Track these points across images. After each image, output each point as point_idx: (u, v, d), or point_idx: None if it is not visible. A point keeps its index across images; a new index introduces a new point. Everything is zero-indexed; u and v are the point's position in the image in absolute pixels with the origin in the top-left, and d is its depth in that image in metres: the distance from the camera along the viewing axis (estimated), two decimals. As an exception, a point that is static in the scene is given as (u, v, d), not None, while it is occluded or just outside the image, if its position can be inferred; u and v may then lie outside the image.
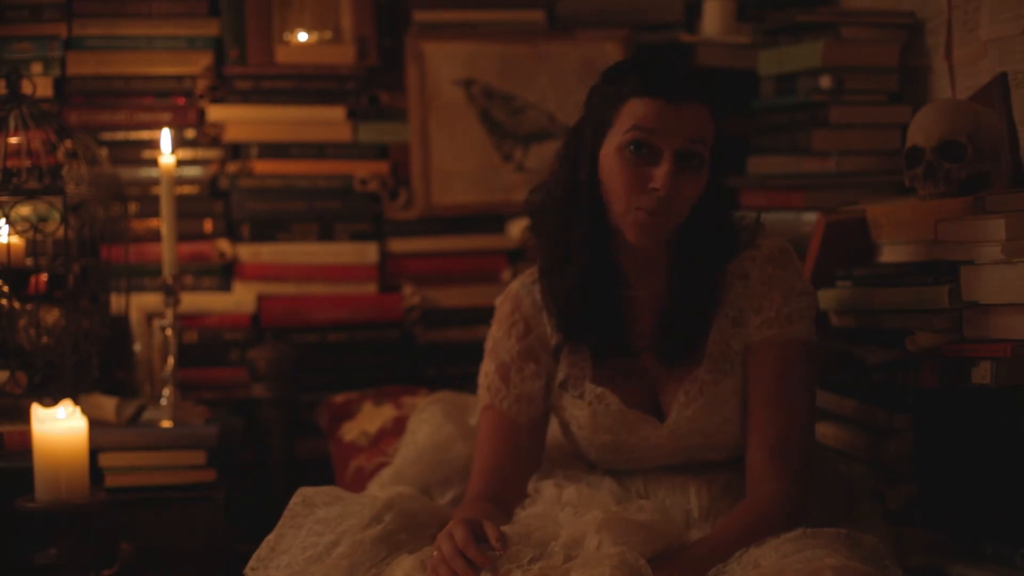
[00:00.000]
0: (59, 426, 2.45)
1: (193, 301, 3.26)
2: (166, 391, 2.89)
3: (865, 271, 2.31)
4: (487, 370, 2.12)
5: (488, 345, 2.14)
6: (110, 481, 2.71)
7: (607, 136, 1.97)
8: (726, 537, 1.86)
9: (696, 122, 1.93)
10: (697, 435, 2.02)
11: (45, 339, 2.76)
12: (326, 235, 3.36)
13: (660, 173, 1.92)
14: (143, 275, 3.21)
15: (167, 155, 2.88)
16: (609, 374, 2.06)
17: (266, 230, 3.34)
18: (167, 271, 2.85)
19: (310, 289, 3.35)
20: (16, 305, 2.74)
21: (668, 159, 1.92)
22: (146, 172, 3.26)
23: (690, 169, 1.93)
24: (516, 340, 2.09)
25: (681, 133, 1.92)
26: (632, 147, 1.93)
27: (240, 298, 3.32)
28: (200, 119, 3.31)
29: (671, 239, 2.03)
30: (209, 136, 3.30)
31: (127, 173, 3.22)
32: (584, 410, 2.04)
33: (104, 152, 3.11)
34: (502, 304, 2.14)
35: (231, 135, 3.34)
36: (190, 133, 3.30)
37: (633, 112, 1.93)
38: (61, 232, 2.71)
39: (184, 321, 3.20)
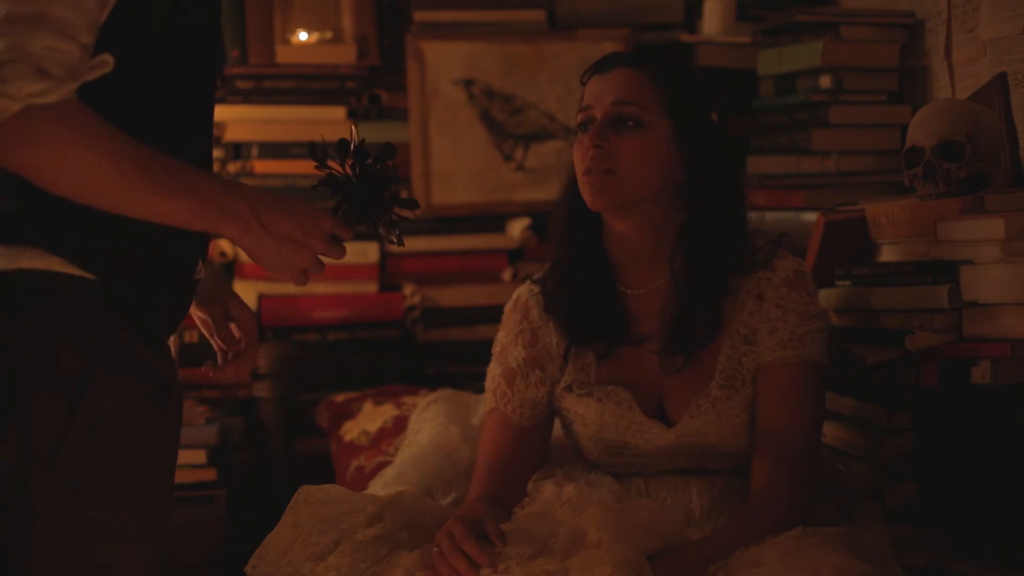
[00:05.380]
0: (60, 425, 2.45)
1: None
2: (167, 390, 2.89)
3: (865, 271, 2.31)
4: (494, 374, 2.13)
5: (496, 349, 2.15)
6: (111, 480, 2.71)
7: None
8: (727, 537, 1.87)
9: (622, 84, 2.01)
10: (703, 445, 2.03)
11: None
12: (326, 234, 3.36)
13: (590, 131, 2.01)
14: (144, 275, 3.21)
15: (168, 155, 2.88)
16: (614, 377, 2.06)
17: (267, 230, 3.34)
18: (168, 270, 2.85)
19: (311, 289, 3.35)
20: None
21: (599, 120, 2.01)
22: (147, 172, 3.26)
23: (625, 129, 1.99)
24: (523, 347, 2.10)
25: (608, 96, 2.01)
26: (579, 126, 2.04)
27: (241, 297, 3.32)
28: (201, 119, 3.31)
29: (667, 233, 2.03)
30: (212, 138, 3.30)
31: (128, 173, 3.22)
32: (592, 407, 2.05)
33: (105, 152, 3.12)
34: (511, 312, 2.15)
35: (232, 135, 3.34)
36: (191, 133, 3.31)
37: (583, 96, 2.06)
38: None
39: (185, 321, 3.19)
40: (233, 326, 1.91)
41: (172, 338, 2.85)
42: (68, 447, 1.52)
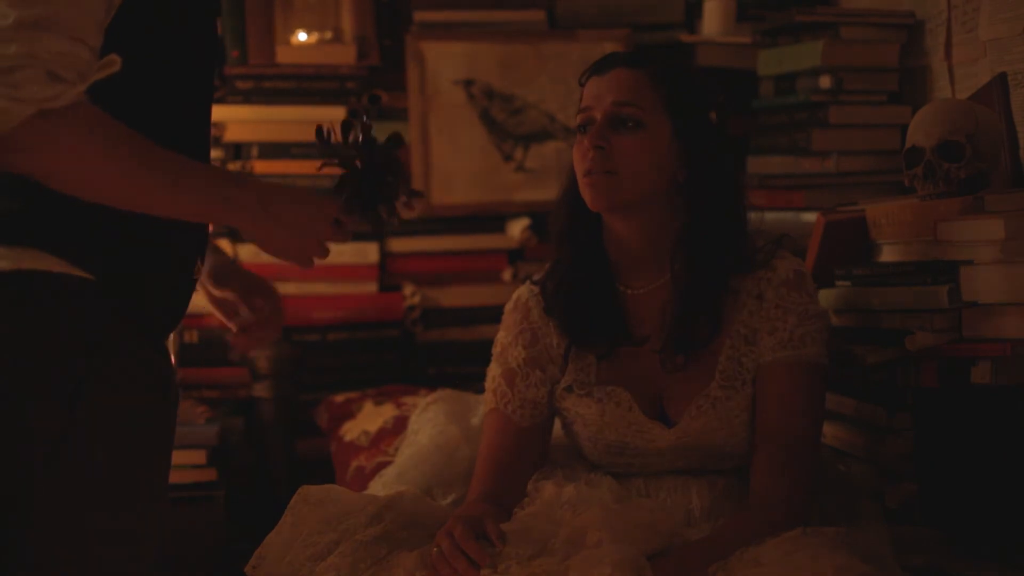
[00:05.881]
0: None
1: (194, 300, 3.23)
2: (167, 390, 2.89)
3: (865, 271, 2.31)
4: (494, 374, 2.13)
5: (496, 350, 2.15)
6: (111, 480, 2.71)
7: None
8: (727, 537, 1.86)
9: (621, 85, 2.01)
10: (703, 446, 2.03)
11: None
12: (326, 235, 3.36)
13: (590, 132, 2.01)
14: (144, 275, 3.21)
15: (168, 155, 2.88)
16: (615, 377, 2.06)
17: (267, 230, 3.34)
18: (168, 271, 2.85)
19: (311, 289, 3.35)
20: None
21: (598, 121, 2.01)
22: (147, 172, 3.26)
23: (624, 130, 2.00)
24: (523, 348, 2.10)
25: (607, 97, 2.01)
26: (578, 127, 2.04)
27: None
28: (201, 119, 3.31)
29: (667, 233, 2.04)
30: (210, 136, 3.30)
31: (128, 173, 3.22)
32: (592, 408, 2.05)
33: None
34: (511, 312, 2.15)
35: (232, 135, 3.34)
36: (191, 133, 3.31)
37: (582, 97, 2.06)
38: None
39: (185, 321, 3.19)
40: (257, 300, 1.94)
41: (172, 338, 2.86)
42: (68, 447, 1.52)
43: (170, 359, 1.73)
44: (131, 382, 1.60)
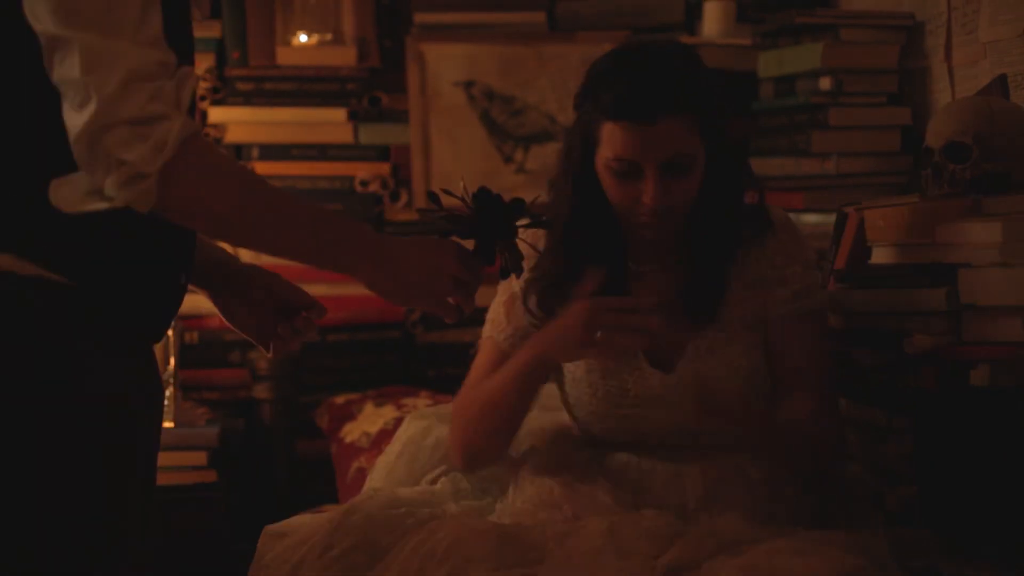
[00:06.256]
0: (61, 427, 2.45)
1: (194, 302, 3.24)
2: (167, 392, 2.90)
3: (863, 273, 2.31)
4: (496, 303, 2.14)
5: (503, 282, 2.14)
6: (112, 482, 2.71)
7: (597, 147, 1.99)
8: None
9: (674, 137, 1.92)
10: (702, 388, 2.03)
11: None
12: (327, 236, 3.36)
13: (647, 188, 1.94)
14: (144, 276, 3.22)
15: (168, 157, 2.89)
16: None
17: (267, 231, 3.34)
18: (168, 272, 2.85)
19: (311, 290, 3.32)
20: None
21: (652, 175, 1.93)
22: (147, 173, 3.26)
23: (680, 174, 1.95)
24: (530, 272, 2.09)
25: (660, 151, 1.92)
26: (615, 170, 1.96)
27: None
28: (202, 121, 3.32)
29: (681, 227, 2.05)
30: (211, 138, 3.31)
31: (129, 174, 3.23)
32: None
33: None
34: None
35: (232, 136, 3.34)
36: (191, 135, 3.31)
37: (611, 136, 1.95)
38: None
39: (185, 322, 3.20)
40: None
41: (172, 339, 2.87)
42: (47, 461, 1.47)
43: (156, 369, 1.67)
44: (113, 392, 1.53)
